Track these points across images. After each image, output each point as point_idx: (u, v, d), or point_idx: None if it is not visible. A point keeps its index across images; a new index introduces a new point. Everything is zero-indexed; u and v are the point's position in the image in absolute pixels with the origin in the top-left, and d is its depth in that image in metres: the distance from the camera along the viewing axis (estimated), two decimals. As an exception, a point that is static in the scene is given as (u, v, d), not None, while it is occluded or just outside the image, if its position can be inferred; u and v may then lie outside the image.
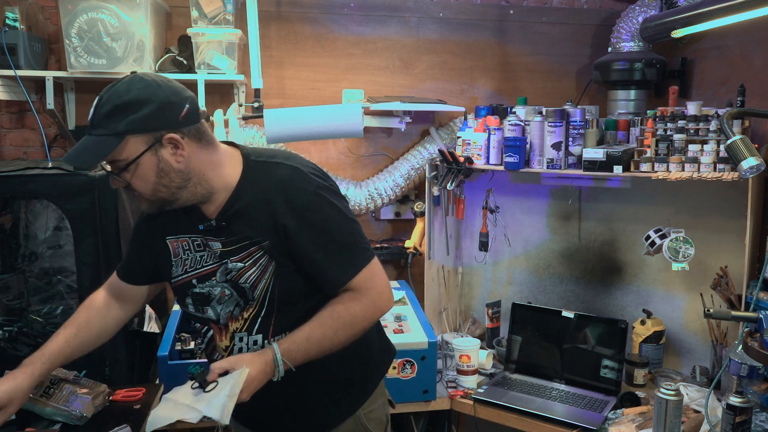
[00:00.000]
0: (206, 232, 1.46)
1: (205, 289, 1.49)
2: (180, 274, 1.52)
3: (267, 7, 2.77)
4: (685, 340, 2.49)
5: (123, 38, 2.37)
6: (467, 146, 2.55)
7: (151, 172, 1.35)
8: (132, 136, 1.32)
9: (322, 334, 1.42)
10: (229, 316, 1.49)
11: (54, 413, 1.73)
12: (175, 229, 1.51)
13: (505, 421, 2.18)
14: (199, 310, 1.53)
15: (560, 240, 2.75)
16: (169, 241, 1.52)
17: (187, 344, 2.24)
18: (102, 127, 1.31)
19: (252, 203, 1.42)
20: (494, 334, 2.72)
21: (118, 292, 1.67)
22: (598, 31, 3.04)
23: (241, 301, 1.47)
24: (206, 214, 1.46)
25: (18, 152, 2.74)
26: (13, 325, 2.14)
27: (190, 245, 1.50)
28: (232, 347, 1.51)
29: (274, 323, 1.47)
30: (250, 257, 1.44)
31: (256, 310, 1.47)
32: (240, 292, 1.46)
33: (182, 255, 1.51)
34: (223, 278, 1.47)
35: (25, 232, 2.27)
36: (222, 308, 1.50)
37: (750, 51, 2.41)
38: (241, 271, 1.44)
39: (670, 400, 1.76)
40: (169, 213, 1.47)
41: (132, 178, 1.36)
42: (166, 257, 1.53)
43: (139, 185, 1.37)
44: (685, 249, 2.18)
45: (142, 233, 1.59)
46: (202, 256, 1.48)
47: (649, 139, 2.22)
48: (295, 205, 1.39)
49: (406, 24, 2.93)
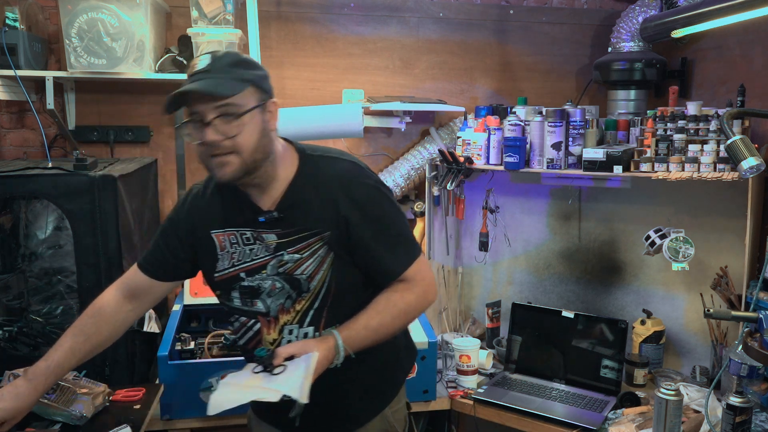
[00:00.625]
0: (264, 225, 1.46)
1: (254, 282, 1.49)
2: (226, 268, 1.51)
3: (267, 7, 2.77)
4: (685, 340, 2.49)
5: (123, 38, 2.37)
6: (467, 146, 2.55)
7: (256, 129, 1.36)
8: (252, 88, 1.36)
9: (380, 322, 1.45)
10: (280, 308, 1.49)
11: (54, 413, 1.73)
12: (223, 222, 1.50)
13: (505, 421, 2.18)
14: (247, 303, 1.52)
15: (560, 240, 2.75)
16: (215, 235, 1.51)
17: (187, 344, 2.24)
18: (225, 73, 1.33)
19: (311, 195, 1.44)
20: (494, 334, 2.72)
21: (133, 289, 1.63)
22: (598, 31, 3.04)
23: (293, 294, 1.48)
24: (261, 206, 1.47)
25: (18, 152, 2.74)
26: (13, 325, 2.14)
27: (237, 239, 1.49)
28: (280, 340, 1.51)
29: (326, 316, 1.49)
30: (307, 248, 1.45)
31: (309, 303, 1.48)
32: (293, 284, 1.47)
33: (229, 249, 1.50)
34: (274, 271, 1.47)
35: (25, 232, 2.26)
36: (272, 301, 1.50)
37: (750, 51, 2.41)
38: (297, 262, 1.45)
39: (670, 400, 1.76)
40: (215, 206, 1.50)
41: (241, 131, 1.34)
42: (210, 251, 1.52)
43: (244, 140, 1.34)
44: (685, 249, 2.18)
45: (181, 226, 1.56)
46: (251, 249, 1.48)
47: (649, 139, 2.22)
48: (357, 199, 1.43)
49: (406, 24, 2.93)
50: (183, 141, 2.81)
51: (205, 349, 2.27)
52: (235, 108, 1.33)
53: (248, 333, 1.56)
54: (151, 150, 2.81)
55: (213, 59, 1.35)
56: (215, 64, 1.34)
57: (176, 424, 2.15)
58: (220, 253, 1.51)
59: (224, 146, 1.34)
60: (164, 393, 2.07)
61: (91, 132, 2.72)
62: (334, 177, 1.45)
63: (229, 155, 1.35)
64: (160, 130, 2.81)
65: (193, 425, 2.17)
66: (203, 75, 1.33)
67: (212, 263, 1.53)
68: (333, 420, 1.58)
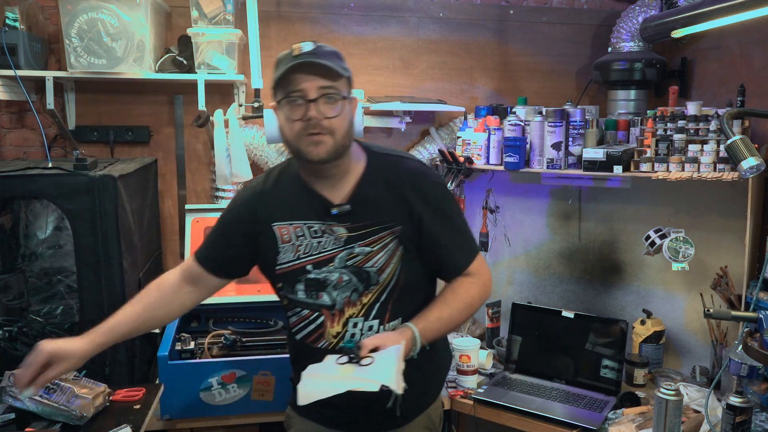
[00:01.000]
0: (336, 217, 1.50)
1: (321, 274, 1.52)
2: (291, 260, 1.54)
3: (267, 7, 2.77)
4: (685, 340, 2.49)
5: (123, 38, 2.37)
6: (467, 146, 2.55)
7: (348, 116, 1.47)
8: (346, 79, 1.46)
9: (450, 314, 1.51)
10: (346, 301, 1.52)
11: (54, 413, 1.73)
12: (287, 215, 1.53)
13: (505, 421, 2.18)
14: (312, 296, 1.54)
15: (560, 240, 2.75)
16: (276, 227, 1.54)
17: (187, 344, 2.24)
18: (329, 59, 1.42)
19: (382, 191, 1.51)
20: (494, 334, 2.72)
21: (194, 278, 1.65)
22: (598, 31, 3.04)
23: (360, 286, 1.51)
24: (332, 200, 1.51)
25: (18, 152, 2.74)
26: (13, 325, 2.14)
27: (304, 231, 1.52)
28: (344, 333, 1.53)
29: (391, 309, 1.53)
30: (378, 242, 1.51)
31: (376, 296, 1.52)
32: (361, 277, 1.51)
33: (294, 241, 1.53)
34: (341, 263, 1.51)
35: (25, 232, 2.26)
36: (338, 294, 1.52)
37: (750, 51, 2.41)
38: (368, 255, 1.50)
39: (670, 400, 1.76)
40: (279, 199, 1.55)
41: (338, 114, 1.42)
42: (271, 244, 1.54)
43: (340, 123, 1.43)
44: (685, 249, 2.18)
45: (242, 218, 1.58)
46: (319, 242, 1.51)
47: (649, 139, 2.22)
48: (428, 196, 1.52)
49: (406, 24, 2.93)
50: (183, 141, 2.81)
51: (205, 349, 2.27)
52: (336, 91, 1.42)
53: (309, 326, 1.56)
54: (151, 150, 2.81)
55: (316, 45, 1.43)
56: (319, 50, 1.42)
57: (176, 424, 2.15)
58: (282, 246, 1.54)
59: (322, 125, 1.41)
60: (164, 393, 2.07)
61: (91, 132, 2.72)
62: (404, 175, 1.53)
63: (325, 135, 1.42)
64: (160, 130, 2.81)
65: (193, 425, 2.17)
66: (310, 56, 1.40)
67: (273, 256, 1.55)
68: (383, 416, 1.58)
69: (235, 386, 2.17)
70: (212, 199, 2.75)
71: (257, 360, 2.19)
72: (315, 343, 1.57)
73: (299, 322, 1.58)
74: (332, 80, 1.42)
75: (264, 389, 2.20)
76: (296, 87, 1.40)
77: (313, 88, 1.40)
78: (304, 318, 1.57)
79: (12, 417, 1.76)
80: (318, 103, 1.40)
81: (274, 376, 2.19)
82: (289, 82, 1.41)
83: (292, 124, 1.43)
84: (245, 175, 2.55)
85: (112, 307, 2.06)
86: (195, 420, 2.16)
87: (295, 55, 1.41)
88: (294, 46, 1.43)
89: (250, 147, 2.68)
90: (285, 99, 1.43)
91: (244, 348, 2.31)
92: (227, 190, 2.70)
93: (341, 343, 1.53)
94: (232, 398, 2.17)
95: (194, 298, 1.68)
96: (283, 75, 1.40)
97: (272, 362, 2.20)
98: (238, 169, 2.54)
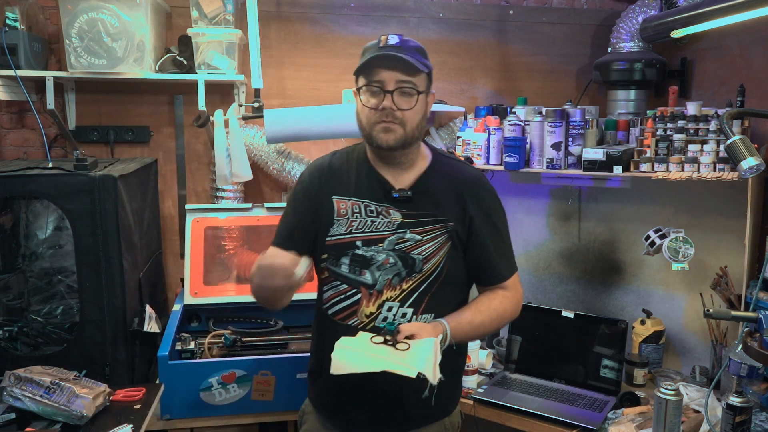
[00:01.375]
0: (395, 201, 1.58)
1: (369, 252, 1.57)
2: (342, 233, 1.58)
3: (267, 7, 2.77)
4: (685, 340, 2.49)
5: (123, 38, 2.37)
6: (467, 146, 2.55)
7: (422, 110, 1.55)
8: (425, 75, 1.54)
9: (481, 321, 1.56)
10: (387, 284, 1.56)
11: (54, 413, 1.74)
12: (348, 191, 1.61)
13: (505, 421, 2.18)
14: (355, 271, 1.58)
15: (560, 240, 2.75)
16: (336, 201, 1.60)
17: (187, 344, 2.24)
18: (412, 54, 1.49)
19: (443, 188, 1.60)
20: (494, 334, 2.72)
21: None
22: (598, 31, 3.04)
23: (403, 271, 1.56)
24: (394, 185, 1.59)
25: (18, 152, 2.74)
26: (13, 325, 2.14)
27: (361, 209, 1.59)
28: (378, 315, 1.56)
29: (427, 302, 1.58)
30: (429, 233, 1.57)
31: (416, 285, 1.57)
32: (405, 262, 1.56)
33: (349, 216, 1.59)
34: (390, 246, 1.57)
35: (25, 232, 2.27)
36: (381, 275, 1.57)
37: (750, 51, 2.41)
38: (418, 243, 1.57)
39: (670, 400, 1.76)
40: (343, 176, 1.62)
41: (412, 106, 1.51)
42: (328, 215, 1.60)
43: (412, 115, 1.52)
44: (685, 249, 2.18)
45: (310, 190, 1.63)
46: (374, 221, 1.58)
47: (649, 139, 2.22)
48: (483, 203, 1.61)
49: (406, 24, 2.93)
50: (183, 141, 2.82)
51: (205, 349, 2.27)
52: (413, 86, 1.50)
53: (344, 302, 1.59)
54: (151, 150, 2.81)
55: (402, 40, 1.51)
56: (404, 45, 1.51)
57: (176, 424, 2.15)
58: (337, 219, 1.59)
59: (395, 115, 1.50)
60: (164, 393, 2.07)
61: (91, 132, 2.72)
62: (465, 178, 1.63)
63: (396, 124, 1.51)
64: (160, 130, 2.81)
65: (193, 425, 2.17)
66: (394, 50, 1.49)
67: (327, 227, 1.60)
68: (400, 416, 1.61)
69: (235, 386, 2.17)
70: (212, 199, 2.75)
71: (257, 360, 2.20)
72: (346, 319, 1.59)
73: (335, 296, 1.61)
74: (411, 75, 1.49)
75: (264, 389, 2.20)
76: (376, 77, 1.49)
77: (391, 80, 1.48)
78: (340, 293, 1.60)
79: (12, 417, 1.76)
80: (394, 94, 1.49)
81: (274, 376, 2.19)
82: (371, 71, 1.49)
83: (368, 110, 1.52)
84: (245, 175, 2.55)
85: (112, 307, 2.08)
86: (195, 420, 2.16)
87: (380, 46, 1.50)
88: (381, 37, 1.52)
89: (250, 147, 2.68)
90: (365, 86, 1.51)
91: (244, 348, 2.31)
92: (227, 190, 2.70)
93: (374, 324, 1.56)
94: (232, 398, 2.17)
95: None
96: (366, 64, 1.49)
97: (272, 362, 2.20)
98: (238, 169, 2.54)
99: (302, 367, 2.20)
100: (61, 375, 1.84)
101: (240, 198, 2.75)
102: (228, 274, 2.61)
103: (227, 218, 2.58)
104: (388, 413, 1.60)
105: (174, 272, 2.86)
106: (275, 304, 1.56)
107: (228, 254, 2.64)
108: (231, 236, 2.65)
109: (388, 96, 1.49)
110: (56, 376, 1.82)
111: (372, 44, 1.53)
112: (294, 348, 2.35)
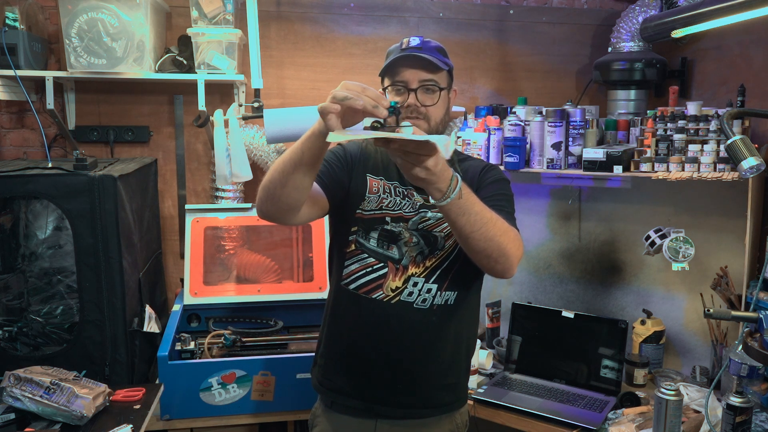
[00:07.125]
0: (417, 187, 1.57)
1: (397, 228, 1.63)
2: (374, 209, 1.64)
3: (267, 7, 2.77)
4: (685, 340, 2.49)
5: (123, 38, 2.37)
6: (467, 146, 2.55)
7: (444, 106, 1.62)
8: (446, 73, 1.61)
9: (489, 217, 1.48)
10: (411, 260, 1.61)
11: (54, 413, 1.74)
12: (381, 171, 1.67)
13: (505, 421, 2.18)
14: (383, 246, 1.62)
15: (560, 240, 2.75)
16: (370, 179, 1.66)
17: (187, 344, 2.24)
18: (433, 54, 1.57)
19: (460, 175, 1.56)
20: (494, 334, 2.72)
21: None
22: (598, 31, 3.04)
23: (426, 250, 1.61)
24: None
25: (18, 152, 2.74)
26: (13, 325, 2.14)
27: (390, 189, 1.66)
28: (403, 290, 1.60)
29: (450, 278, 1.62)
30: None
31: (439, 261, 1.62)
32: (428, 241, 1.62)
33: (381, 194, 1.65)
34: (414, 226, 1.63)
35: (25, 232, 2.27)
36: (407, 251, 1.62)
37: (750, 51, 2.41)
38: (439, 220, 1.62)
39: (670, 400, 1.76)
40: (378, 157, 1.68)
41: (434, 103, 1.58)
42: (360, 189, 1.65)
43: (434, 111, 1.59)
44: (685, 249, 2.18)
45: (350, 160, 1.68)
46: (401, 202, 1.65)
47: (649, 139, 2.22)
48: (488, 177, 1.68)
49: (406, 24, 2.93)
50: (183, 141, 2.81)
51: (205, 349, 2.27)
52: (435, 83, 1.57)
53: (370, 275, 1.62)
54: (151, 150, 2.81)
55: (423, 41, 1.58)
56: (425, 45, 1.58)
57: (176, 424, 2.15)
58: (369, 195, 1.65)
59: (419, 111, 1.57)
60: (164, 393, 2.07)
61: (91, 132, 2.72)
62: (478, 166, 1.71)
63: (420, 120, 1.57)
64: (160, 130, 2.81)
65: (193, 425, 2.17)
66: (415, 50, 1.56)
67: (358, 202, 1.65)
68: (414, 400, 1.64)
69: (235, 386, 2.17)
70: (212, 199, 2.75)
71: (257, 360, 2.20)
72: (371, 293, 1.61)
73: (360, 269, 1.63)
74: (433, 73, 1.57)
75: (264, 389, 2.20)
76: (400, 77, 1.57)
77: (414, 79, 1.56)
78: (367, 266, 1.62)
79: (12, 417, 1.76)
80: (417, 92, 1.56)
81: (274, 376, 2.19)
82: (395, 72, 1.58)
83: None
84: (245, 175, 2.55)
85: (112, 307, 2.08)
86: (195, 420, 2.16)
87: (403, 48, 1.58)
88: (403, 40, 1.60)
89: (250, 147, 2.68)
90: (390, 86, 1.59)
91: (244, 348, 2.31)
92: (227, 190, 2.70)
93: (399, 298, 1.60)
94: (232, 398, 2.17)
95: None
96: (391, 65, 1.58)
97: (272, 362, 2.20)
98: (238, 169, 2.54)
99: (302, 368, 2.21)
100: (60, 375, 1.84)
101: (240, 198, 2.74)
102: (228, 274, 2.61)
103: (227, 218, 2.57)
104: (409, 394, 1.62)
105: (174, 272, 2.86)
106: (287, 196, 1.46)
107: (228, 254, 2.64)
108: (231, 236, 2.66)
109: (412, 94, 1.56)
110: (56, 376, 1.82)
111: (395, 47, 1.62)
112: (294, 348, 2.35)
